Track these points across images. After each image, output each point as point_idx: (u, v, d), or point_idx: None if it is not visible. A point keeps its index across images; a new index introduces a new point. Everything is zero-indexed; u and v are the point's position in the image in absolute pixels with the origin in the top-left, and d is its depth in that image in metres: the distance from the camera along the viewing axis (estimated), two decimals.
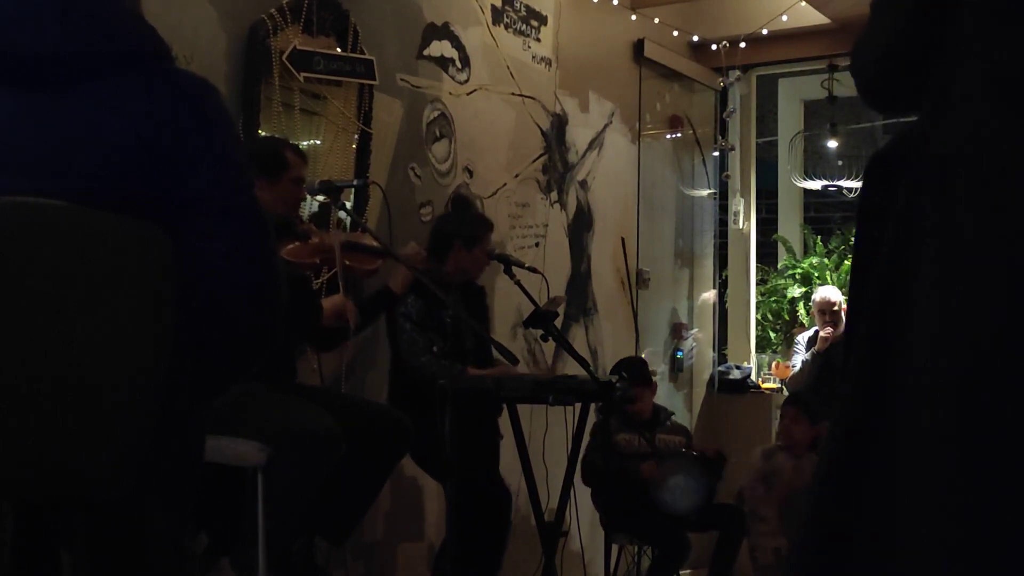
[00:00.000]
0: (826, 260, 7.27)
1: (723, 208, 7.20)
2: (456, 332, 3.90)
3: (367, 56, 4.29)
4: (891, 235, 1.33)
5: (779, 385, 6.67)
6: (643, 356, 5.83)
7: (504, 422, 4.03)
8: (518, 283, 4.12)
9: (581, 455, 4.19)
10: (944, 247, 1.27)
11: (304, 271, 3.52)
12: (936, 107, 1.34)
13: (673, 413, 5.24)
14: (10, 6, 1.62)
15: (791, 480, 4.87)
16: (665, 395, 6.31)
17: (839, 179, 7.07)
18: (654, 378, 5.20)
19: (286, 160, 3.38)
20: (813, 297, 6.42)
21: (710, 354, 7.04)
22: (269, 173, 3.32)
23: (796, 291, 7.16)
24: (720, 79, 6.74)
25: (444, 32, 4.85)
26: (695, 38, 6.72)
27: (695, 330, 6.95)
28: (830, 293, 6.23)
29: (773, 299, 7.28)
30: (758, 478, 4.92)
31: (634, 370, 4.95)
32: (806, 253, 7.54)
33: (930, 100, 1.35)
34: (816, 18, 6.32)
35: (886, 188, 1.36)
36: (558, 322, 4.49)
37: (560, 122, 5.60)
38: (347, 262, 3.42)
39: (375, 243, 3.55)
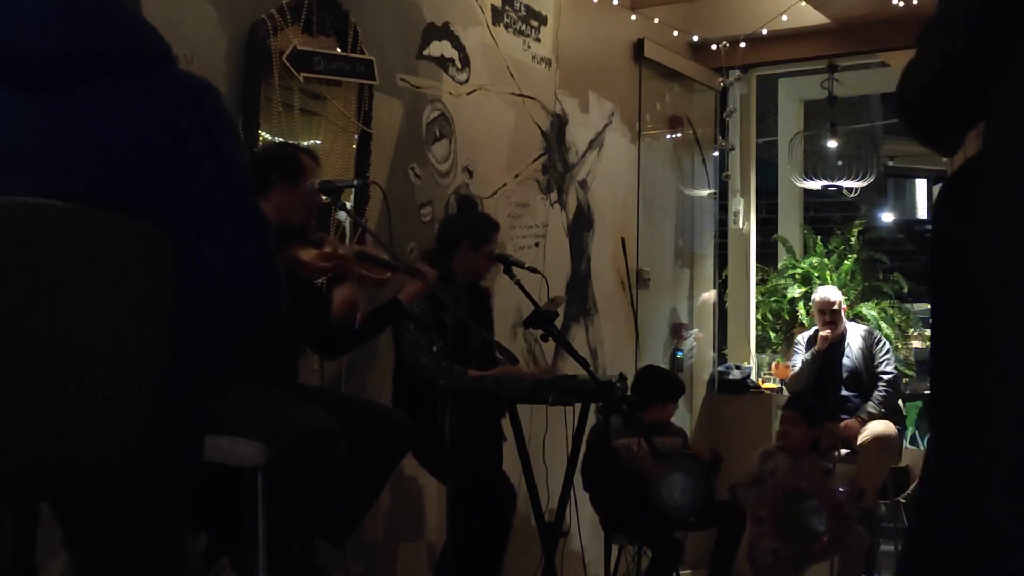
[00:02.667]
0: (826, 260, 7.27)
1: (723, 208, 7.20)
2: (459, 333, 3.90)
3: (367, 56, 4.29)
4: (972, 249, 1.33)
5: (779, 385, 6.68)
6: (667, 369, 5.67)
7: (504, 422, 4.04)
8: (518, 283, 4.12)
9: (580, 460, 4.18)
10: (1011, 263, 1.27)
11: (314, 277, 3.52)
12: (1003, 124, 1.33)
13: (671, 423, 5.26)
14: (12, 7, 1.62)
15: (788, 481, 4.87)
16: None
17: (839, 179, 7.07)
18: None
19: (302, 164, 3.39)
20: (813, 297, 6.42)
21: (710, 354, 7.04)
22: (289, 178, 3.33)
23: (796, 291, 7.15)
24: (720, 79, 6.74)
25: (444, 32, 4.85)
26: (695, 38, 6.72)
27: (695, 330, 6.95)
28: (830, 293, 6.23)
29: (773, 299, 7.28)
30: (752, 477, 4.93)
31: (666, 384, 4.96)
32: (806, 253, 7.54)
33: (996, 118, 1.34)
34: (816, 18, 6.32)
35: (960, 209, 1.36)
36: (558, 322, 4.49)
37: (560, 122, 5.60)
38: (359, 272, 3.42)
39: (386, 256, 3.55)
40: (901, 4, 5.80)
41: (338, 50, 4.20)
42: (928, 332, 7.80)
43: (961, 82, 1.38)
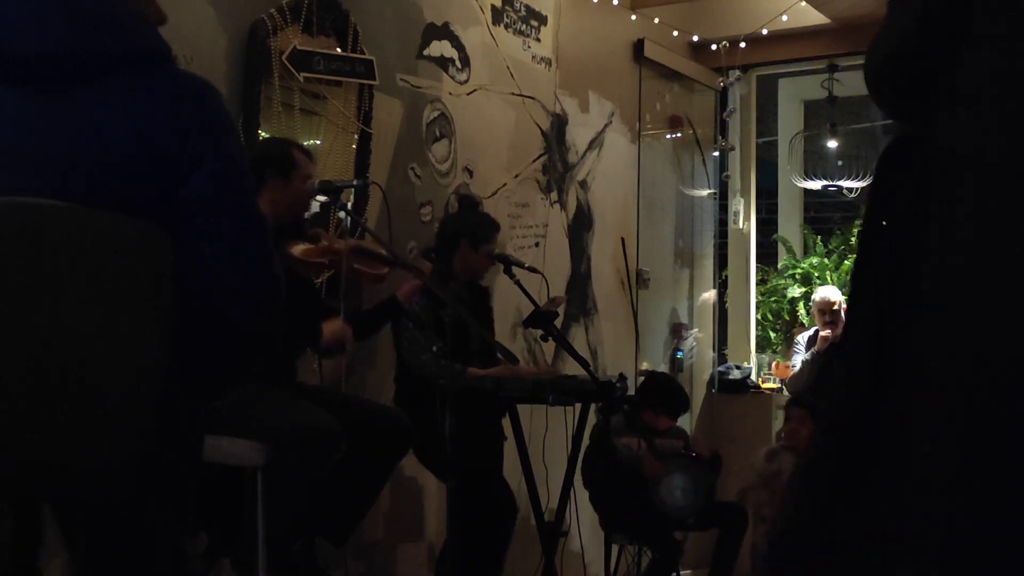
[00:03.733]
0: (826, 260, 7.27)
1: (723, 208, 7.20)
2: (458, 332, 3.89)
3: (367, 56, 4.29)
4: (897, 229, 1.33)
5: (779, 385, 6.67)
6: (678, 385, 5.45)
7: (504, 422, 4.03)
8: (518, 283, 4.12)
9: (581, 458, 4.19)
10: (947, 244, 1.27)
11: (310, 273, 3.52)
12: (944, 104, 1.34)
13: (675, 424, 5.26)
14: (13, 7, 1.62)
15: None
16: None
17: (839, 179, 7.07)
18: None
19: (295, 159, 3.39)
20: (813, 297, 6.42)
21: (710, 354, 7.04)
22: (281, 173, 3.34)
23: (796, 291, 7.16)
24: (720, 79, 6.74)
25: (444, 32, 4.85)
26: (695, 38, 6.72)
27: (695, 330, 6.95)
28: (830, 293, 6.22)
29: (773, 299, 7.28)
30: (762, 480, 4.92)
31: (671, 399, 4.95)
32: (806, 253, 7.54)
33: (938, 97, 1.35)
34: (816, 18, 6.32)
35: (894, 181, 1.37)
36: (558, 322, 4.49)
37: (560, 122, 5.60)
38: (356, 267, 3.42)
39: (384, 251, 3.54)
40: None
41: (338, 50, 4.20)
42: None
43: (918, 53, 1.39)
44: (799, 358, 6.22)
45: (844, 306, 6.23)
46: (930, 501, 1.22)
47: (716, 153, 7.09)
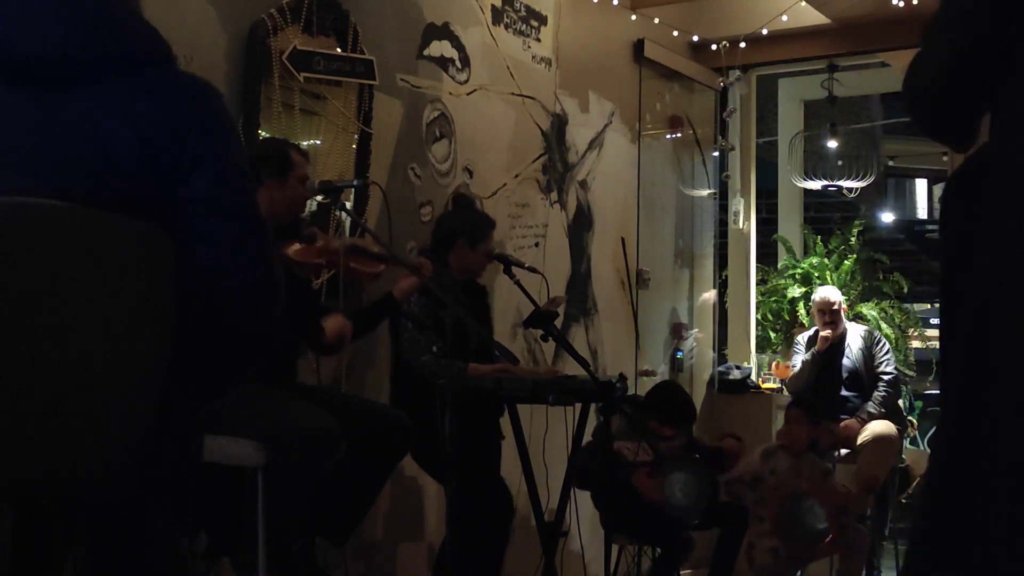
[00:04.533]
0: (826, 260, 7.27)
1: (723, 208, 7.20)
2: (458, 332, 3.89)
3: (367, 56, 4.29)
4: (980, 250, 1.33)
5: (779, 385, 6.67)
6: (686, 396, 5.37)
7: (504, 422, 4.03)
8: (518, 283, 4.12)
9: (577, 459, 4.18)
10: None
11: (307, 273, 3.51)
12: (1008, 124, 1.34)
13: None
14: (13, 7, 1.62)
15: (788, 480, 4.87)
16: None
17: (839, 179, 7.07)
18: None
19: (291, 159, 3.39)
20: (813, 297, 6.42)
21: (710, 354, 7.04)
22: (277, 173, 3.33)
23: (796, 291, 7.15)
24: (720, 79, 6.74)
25: (444, 32, 4.85)
26: (695, 38, 6.72)
27: (695, 330, 6.95)
28: (830, 293, 6.22)
29: (773, 299, 7.28)
30: (752, 476, 4.92)
31: (677, 410, 4.90)
32: (806, 253, 7.54)
33: (1001, 118, 1.35)
34: (816, 18, 6.32)
35: (968, 206, 1.36)
36: (558, 322, 4.49)
37: (560, 122, 5.60)
38: (352, 265, 3.42)
39: (380, 249, 3.54)
40: (901, 4, 5.80)
41: (338, 50, 4.20)
42: (928, 332, 7.81)
43: (965, 78, 1.38)
44: (799, 358, 6.22)
45: (843, 306, 6.24)
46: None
47: (716, 153, 7.09)
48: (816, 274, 7.19)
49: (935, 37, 1.43)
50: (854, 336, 6.12)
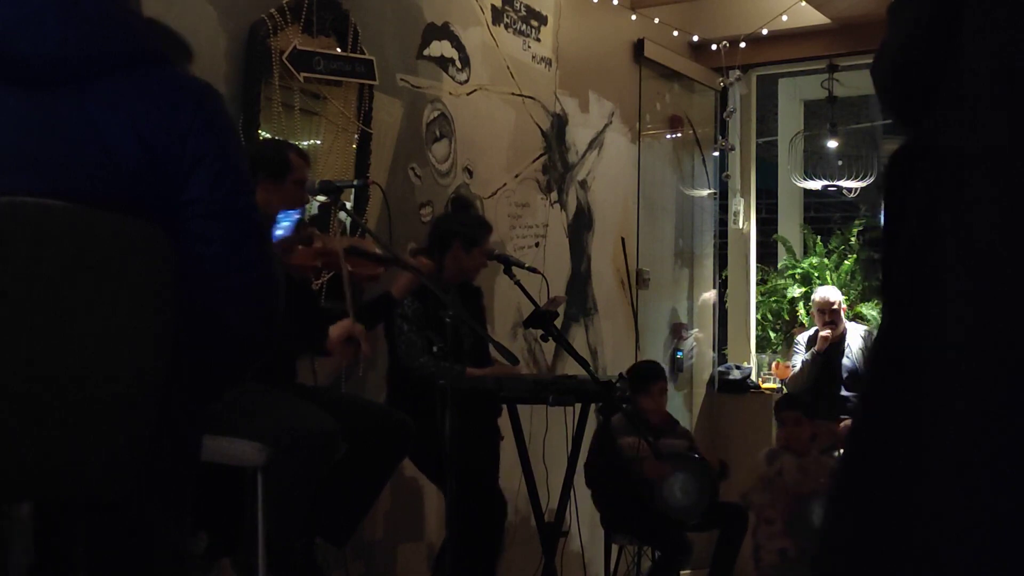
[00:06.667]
0: (826, 260, 7.28)
1: (723, 208, 7.21)
2: (454, 332, 3.89)
3: (367, 56, 4.29)
4: (912, 233, 1.34)
5: (779, 385, 6.68)
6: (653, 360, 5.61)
7: (504, 422, 4.03)
8: (518, 283, 4.11)
9: (584, 458, 4.18)
10: (962, 246, 1.28)
11: (305, 274, 3.51)
12: (947, 107, 1.35)
13: (678, 422, 5.25)
14: (12, 7, 1.62)
15: (797, 481, 4.88)
16: None
17: (839, 179, 7.07)
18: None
19: (289, 162, 3.38)
20: (813, 297, 6.42)
21: (710, 354, 7.04)
22: (274, 175, 3.32)
23: (796, 291, 7.16)
24: (720, 79, 6.75)
25: (444, 32, 4.85)
26: (695, 38, 6.72)
27: (695, 330, 6.95)
28: (829, 293, 6.23)
29: (773, 299, 7.28)
30: (763, 482, 4.92)
31: (636, 376, 4.95)
32: (806, 253, 7.54)
33: (941, 99, 1.36)
34: (816, 18, 6.32)
35: (906, 184, 1.37)
36: (558, 322, 4.49)
37: (560, 122, 5.60)
38: (350, 267, 3.41)
39: (379, 249, 3.53)
40: None
41: (338, 50, 4.20)
42: None
43: (920, 59, 1.40)
44: (799, 358, 6.22)
45: (843, 306, 6.24)
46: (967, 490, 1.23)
47: (716, 153, 7.09)
48: (816, 274, 7.19)
49: (896, 16, 1.46)
50: (854, 336, 6.12)
